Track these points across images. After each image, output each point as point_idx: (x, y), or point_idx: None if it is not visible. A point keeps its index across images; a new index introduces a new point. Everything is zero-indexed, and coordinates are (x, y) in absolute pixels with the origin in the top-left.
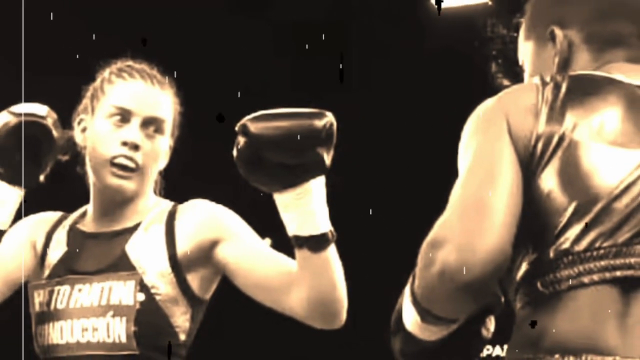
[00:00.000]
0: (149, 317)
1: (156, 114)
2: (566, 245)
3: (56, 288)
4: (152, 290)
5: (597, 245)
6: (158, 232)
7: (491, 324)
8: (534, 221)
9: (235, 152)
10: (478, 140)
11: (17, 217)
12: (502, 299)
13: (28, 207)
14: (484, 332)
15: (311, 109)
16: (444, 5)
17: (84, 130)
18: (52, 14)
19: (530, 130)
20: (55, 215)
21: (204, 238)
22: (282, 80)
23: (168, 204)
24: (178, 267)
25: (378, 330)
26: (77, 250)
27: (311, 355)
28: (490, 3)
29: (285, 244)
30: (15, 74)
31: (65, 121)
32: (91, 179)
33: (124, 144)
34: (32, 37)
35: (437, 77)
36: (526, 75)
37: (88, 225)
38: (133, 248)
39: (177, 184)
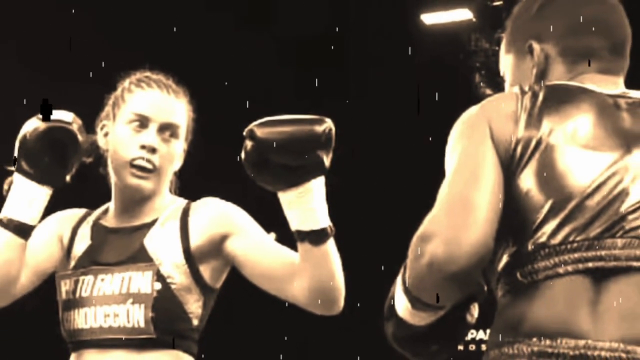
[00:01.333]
0: (165, 304)
1: (171, 120)
2: (543, 239)
3: (81, 278)
4: (168, 280)
5: (571, 239)
6: (173, 227)
7: (475, 310)
8: (513, 217)
9: (243, 155)
10: (463, 144)
11: (46, 213)
12: (485, 288)
13: (56, 205)
14: (469, 317)
15: (312, 116)
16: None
17: (106, 134)
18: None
19: (510, 135)
20: (80, 211)
21: (215, 233)
22: (286, 89)
23: (182, 202)
24: (191, 259)
25: (373, 316)
26: (100, 243)
27: (312, 339)
28: (474, 20)
29: (288, 238)
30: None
31: (89, 127)
32: (112, 179)
33: (143, 147)
34: (61, 52)
35: (426, 86)
36: (507, 85)
37: (110, 221)
38: (150, 242)
39: (190, 184)
